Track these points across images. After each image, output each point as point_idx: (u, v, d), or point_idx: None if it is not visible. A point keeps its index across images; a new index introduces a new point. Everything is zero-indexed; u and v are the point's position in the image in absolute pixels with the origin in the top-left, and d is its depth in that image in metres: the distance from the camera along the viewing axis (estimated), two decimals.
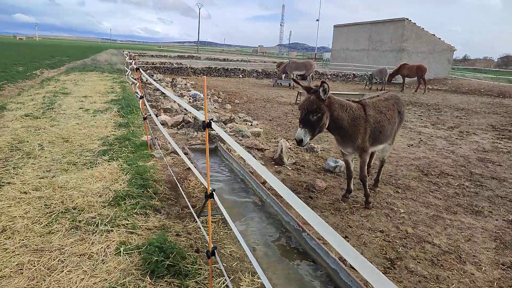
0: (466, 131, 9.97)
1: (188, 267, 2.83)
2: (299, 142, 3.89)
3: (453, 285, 3.04)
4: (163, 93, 12.21)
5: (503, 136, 9.55)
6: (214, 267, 2.91)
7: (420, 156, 7.15)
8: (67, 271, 2.70)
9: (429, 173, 6.05)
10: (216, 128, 1.95)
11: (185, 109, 9.66)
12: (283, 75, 20.52)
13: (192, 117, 8.18)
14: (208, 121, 1.96)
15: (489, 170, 6.44)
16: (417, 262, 3.37)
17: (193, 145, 5.50)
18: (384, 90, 20.82)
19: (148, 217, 3.63)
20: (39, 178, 4.35)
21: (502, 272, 3.30)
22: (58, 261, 2.81)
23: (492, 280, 3.16)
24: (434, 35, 30.84)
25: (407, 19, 29.49)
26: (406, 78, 22.03)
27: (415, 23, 29.95)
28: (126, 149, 5.73)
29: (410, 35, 29.77)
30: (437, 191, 5.28)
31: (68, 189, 4.05)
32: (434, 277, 3.14)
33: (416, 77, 21.89)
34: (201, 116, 2.04)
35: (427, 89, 22.65)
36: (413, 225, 4.13)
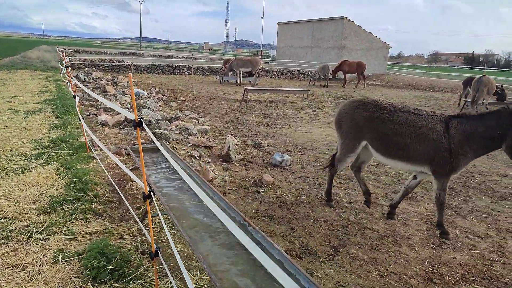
0: None
1: (133, 270, 2.75)
2: None
3: (390, 266, 3.26)
4: (104, 92, 11.66)
5: None
6: (161, 267, 2.85)
7: None
8: None
9: (369, 164, 6.41)
10: (146, 128, 1.91)
11: (128, 107, 9.31)
12: (230, 72, 20.51)
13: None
14: (139, 120, 1.90)
15: None
16: (358, 247, 3.57)
17: (136, 144, 5.32)
18: (327, 86, 21.65)
19: (88, 222, 3.46)
20: None
21: (433, 251, 3.60)
22: None
23: (424, 259, 3.44)
24: (371, 33, 32.57)
25: (346, 17, 30.83)
26: (347, 74, 23.08)
27: (353, 22, 31.40)
28: (62, 151, 5.39)
29: (349, 33, 31.17)
30: (376, 180, 5.61)
31: None
32: (373, 260, 3.35)
33: (356, 73, 23.02)
34: (130, 115, 1.97)
35: (366, 84, 23.91)
36: (355, 213, 4.36)
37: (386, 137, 3.91)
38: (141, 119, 1.88)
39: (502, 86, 14.69)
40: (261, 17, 63.59)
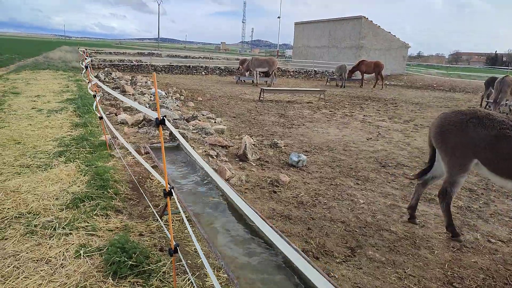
0: (421, 124, 10.51)
1: (152, 266, 2.80)
2: None
3: (409, 269, 3.22)
4: (123, 92, 11.87)
5: None
6: (179, 264, 2.89)
7: (378, 148, 7.46)
8: (23, 277, 2.59)
9: (387, 165, 6.33)
10: (169, 126, 1.95)
11: (147, 107, 9.45)
12: (247, 72, 20.57)
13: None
14: (162, 118, 1.94)
15: None
16: (376, 249, 3.53)
17: (154, 143, 5.40)
18: (344, 86, 21.46)
19: (109, 218, 3.54)
20: None
21: (453, 254, 3.53)
22: (13, 267, 2.68)
23: (443, 262, 3.38)
24: (390, 32, 32.08)
25: (364, 17, 30.46)
26: (364, 74, 22.82)
27: (371, 21, 31.00)
28: (84, 149, 5.52)
29: (367, 33, 30.79)
30: (394, 181, 5.54)
31: (22, 193, 3.86)
32: (391, 262, 3.31)
33: (374, 73, 22.73)
34: (153, 114, 2.01)
35: (384, 84, 23.57)
36: (372, 214, 4.32)
37: (508, 157, 3.38)
38: (164, 117, 1.92)
39: None
40: (278, 17, 63.39)
